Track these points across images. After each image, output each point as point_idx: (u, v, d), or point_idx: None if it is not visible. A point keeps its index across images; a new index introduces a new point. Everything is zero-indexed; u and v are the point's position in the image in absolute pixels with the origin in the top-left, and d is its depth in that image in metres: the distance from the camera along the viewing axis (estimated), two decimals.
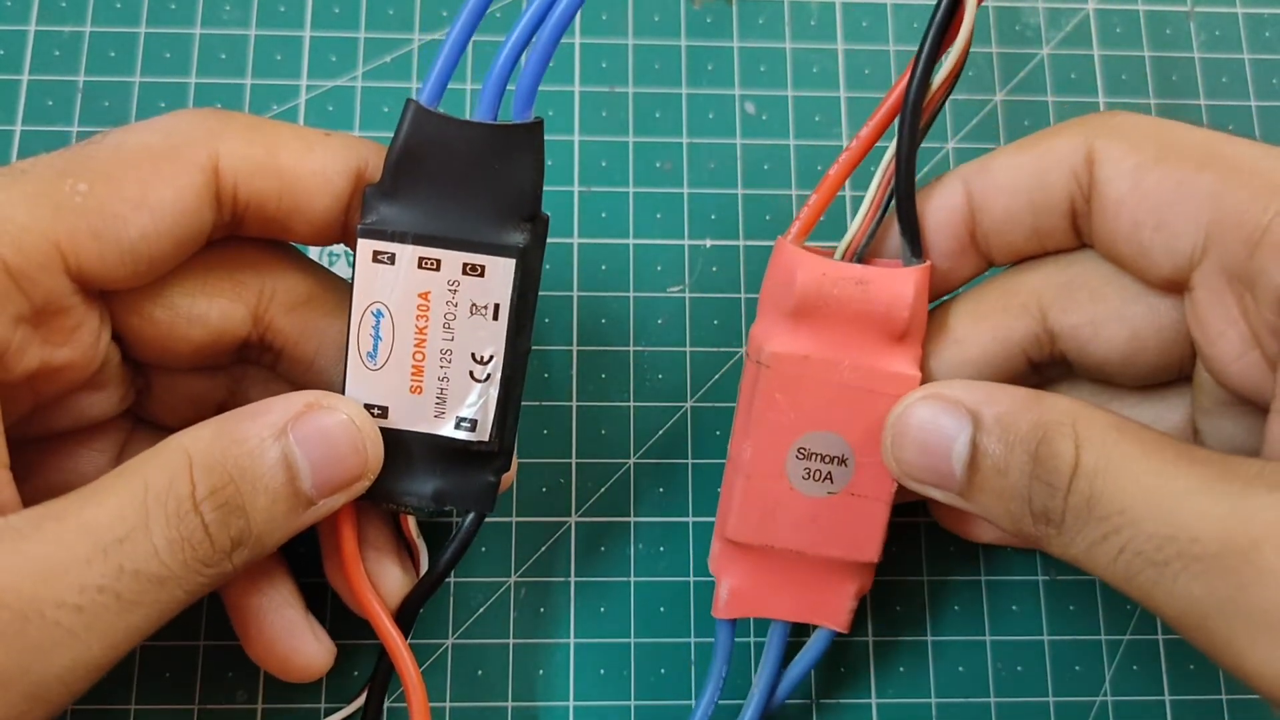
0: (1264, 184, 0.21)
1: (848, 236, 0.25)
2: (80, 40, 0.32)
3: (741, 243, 0.32)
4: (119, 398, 0.24)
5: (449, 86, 0.23)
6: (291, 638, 0.25)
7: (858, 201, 0.26)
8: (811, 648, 0.27)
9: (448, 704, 0.28)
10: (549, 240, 0.22)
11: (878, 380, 0.24)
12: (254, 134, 0.23)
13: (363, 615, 0.25)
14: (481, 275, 0.23)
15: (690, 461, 0.30)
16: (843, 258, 0.25)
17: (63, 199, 0.21)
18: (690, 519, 0.30)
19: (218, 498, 0.21)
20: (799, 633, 0.28)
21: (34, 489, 0.22)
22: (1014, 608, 0.30)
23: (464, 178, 0.23)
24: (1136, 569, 0.20)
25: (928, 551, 0.30)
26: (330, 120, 0.32)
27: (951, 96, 0.33)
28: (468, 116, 0.23)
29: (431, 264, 0.23)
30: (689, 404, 0.31)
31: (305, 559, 0.27)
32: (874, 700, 0.29)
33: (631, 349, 0.31)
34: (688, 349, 0.31)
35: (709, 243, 0.32)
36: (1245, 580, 0.19)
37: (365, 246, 0.23)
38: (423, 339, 0.23)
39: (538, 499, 0.30)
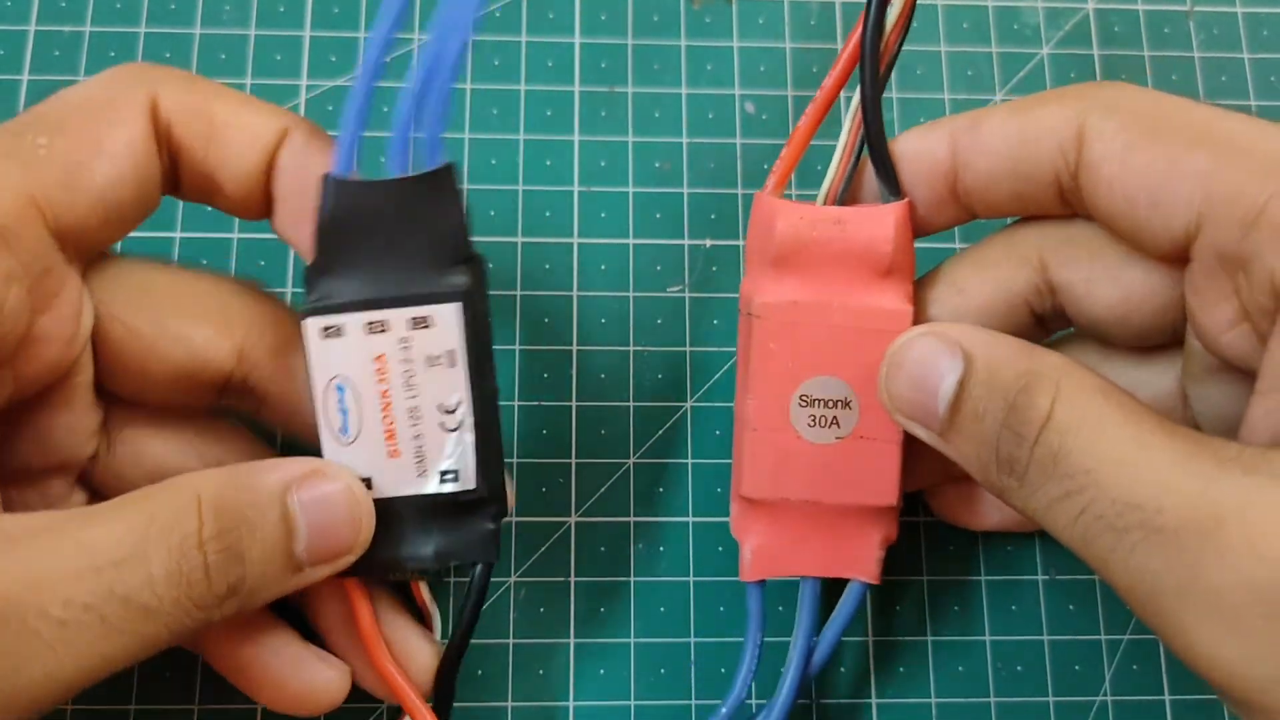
0: (1259, 164, 0.21)
1: (825, 184, 0.25)
2: (80, 40, 0.32)
3: (741, 243, 0.32)
4: (85, 431, 0.24)
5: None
6: (301, 671, 0.25)
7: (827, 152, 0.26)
8: (845, 604, 0.26)
9: None
10: (550, 240, 0.22)
11: (869, 318, 0.24)
12: (190, 83, 0.23)
13: (391, 700, 0.25)
14: (430, 326, 0.23)
15: (690, 461, 0.30)
16: (823, 204, 0.25)
17: (26, 154, 0.21)
18: (690, 519, 0.30)
19: (223, 540, 0.21)
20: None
21: None
22: (1013, 607, 0.30)
23: (392, 236, 0.23)
24: (1095, 533, 0.20)
25: (927, 551, 0.30)
26: (330, 120, 0.32)
27: (951, 96, 0.33)
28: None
29: (379, 326, 0.23)
30: (689, 404, 0.31)
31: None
32: (874, 700, 0.29)
33: (631, 349, 0.31)
34: (688, 349, 0.31)
35: (709, 243, 0.32)
36: (1204, 559, 0.18)
37: (313, 325, 0.23)
38: (388, 402, 0.23)
39: (538, 499, 0.30)
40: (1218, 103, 0.34)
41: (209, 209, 0.25)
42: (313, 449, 0.24)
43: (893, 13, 0.24)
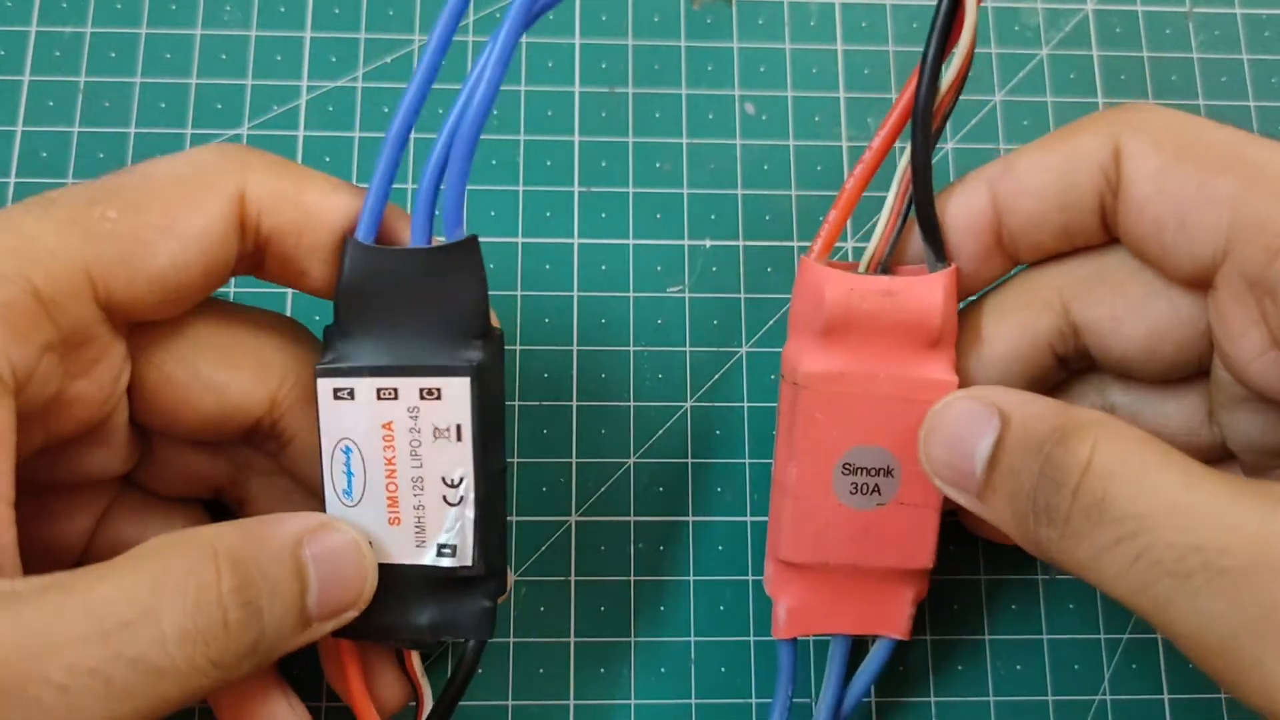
0: None
1: (870, 248, 0.25)
2: (81, 41, 0.32)
3: (741, 243, 0.32)
4: (121, 459, 0.24)
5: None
6: None
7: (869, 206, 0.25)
8: (874, 658, 0.27)
9: None
10: (550, 240, 0.22)
11: (916, 389, 0.24)
12: (281, 169, 0.23)
13: None
14: (439, 398, 0.23)
15: (690, 461, 0.30)
16: (867, 269, 0.25)
17: (92, 226, 0.21)
18: (690, 518, 0.30)
19: (243, 594, 0.20)
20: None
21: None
22: (1013, 606, 0.30)
23: (410, 305, 0.23)
24: (1152, 579, 0.19)
25: None
26: (330, 121, 0.32)
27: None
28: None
29: (390, 393, 0.23)
30: (689, 404, 0.31)
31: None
32: (873, 700, 0.29)
33: (631, 349, 0.31)
34: (688, 349, 0.31)
35: (709, 243, 0.32)
36: (1279, 597, 0.18)
37: (325, 385, 0.23)
38: (393, 469, 0.23)
39: (538, 499, 0.30)
40: (1217, 103, 0.34)
41: None
42: (314, 506, 0.24)
43: (949, 71, 0.24)
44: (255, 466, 0.26)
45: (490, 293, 0.23)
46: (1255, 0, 0.35)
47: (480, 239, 0.23)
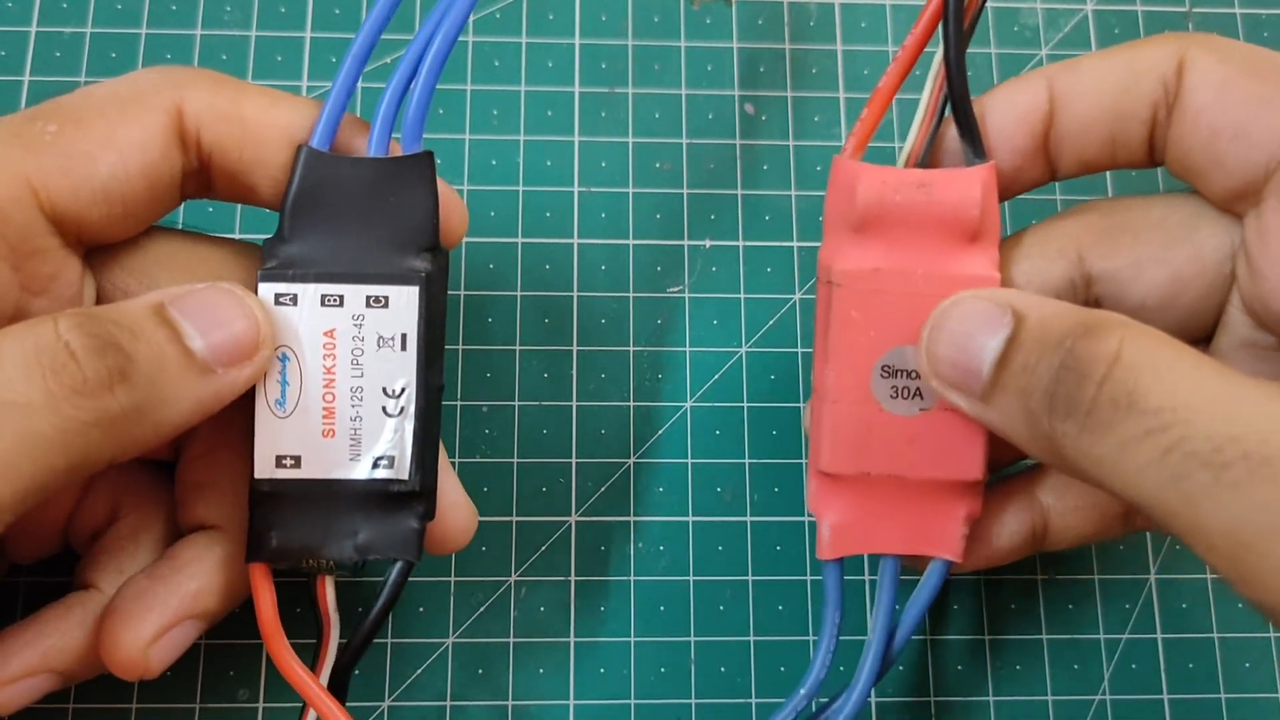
0: None
1: (907, 146, 0.24)
2: (82, 41, 0.32)
3: (741, 243, 0.32)
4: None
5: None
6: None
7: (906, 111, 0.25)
8: (927, 582, 0.25)
9: (448, 702, 0.29)
10: (550, 240, 0.22)
11: (956, 285, 0.23)
12: (219, 84, 0.23)
13: (293, 685, 0.23)
14: (386, 306, 0.23)
15: (690, 461, 0.30)
16: (904, 167, 0.24)
17: (32, 139, 0.21)
18: (690, 518, 0.30)
19: (86, 330, 0.20)
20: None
21: None
22: (1012, 606, 0.30)
23: (361, 215, 0.23)
24: (1185, 471, 0.18)
25: None
26: None
27: None
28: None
29: (334, 300, 0.23)
30: (689, 404, 0.31)
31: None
32: (873, 699, 0.29)
33: (631, 349, 0.31)
34: (688, 349, 0.31)
35: (709, 243, 0.32)
36: None
37: (266, 290, 0.22)
38: (331, 379, 0.23)
39: (538, 499, 0.30)
40: None
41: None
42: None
43: None
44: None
45: (490, 292, 0.23)
46: (1255, 0, 0.35)
47: (480, 239, 0.23)
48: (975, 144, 0.24)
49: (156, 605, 0.23)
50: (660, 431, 0.31)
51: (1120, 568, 0.30)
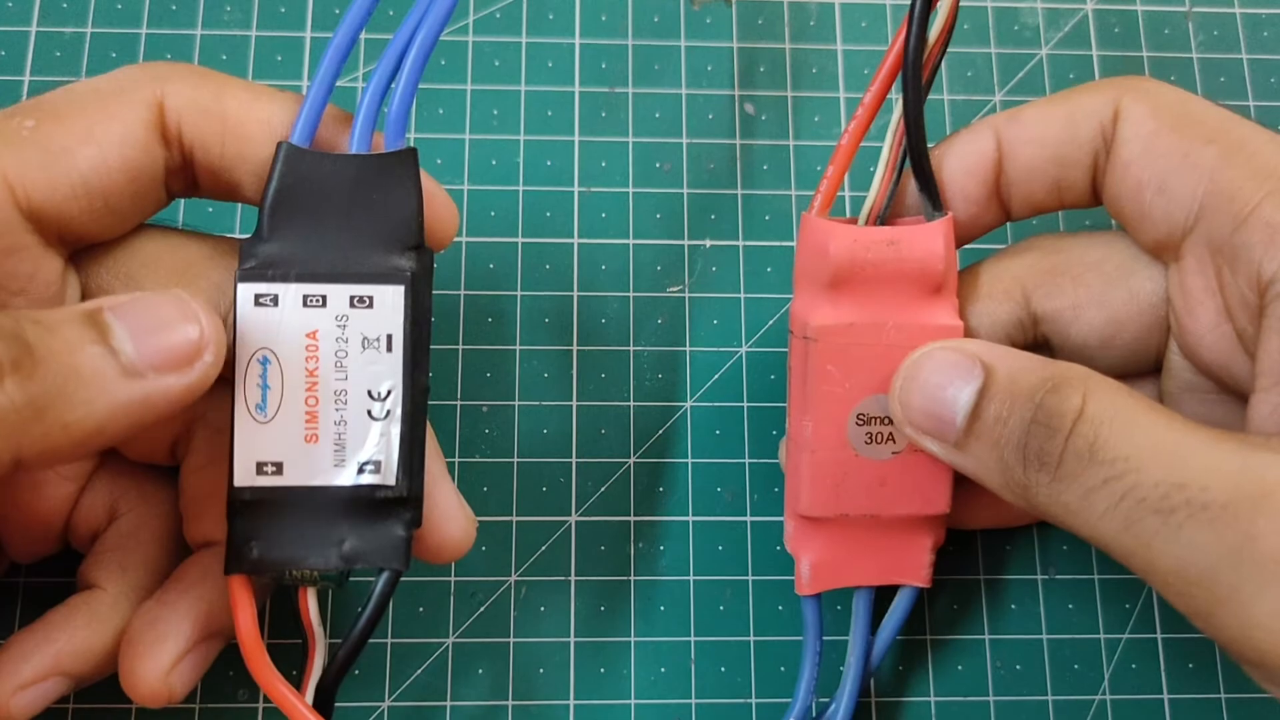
0: (1262, 166, 0.22)
1: (868, 201, 0.25)
2: (82, 41, 0.32)
3: (741, 243, 0.32)
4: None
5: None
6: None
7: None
8: (898, 607, 0.27)
9: (448, 703, 0.29)
10: (550, 240, 0.22)
11: (925, 335, 0.25)
12: (201, 78, 0.23)
13: (275, 703, 0.23)
14: (370, 306, 0.22)
15: (690, 461, 0.30)
16: (865, 222, 0.25)
17: (9, 134, 0.21)
18: (690, 518, 0.30)
19: None
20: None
21: None
22: (1013, 606, 0.30)
23: (343, 213, 0.22)
24: (1137, 517, 0.20)
25: None
26: None
27: (950, 97, 0.33)
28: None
29: (317, 301, 0.22)
30: (689, 404, 0.31)
31: None
32: (873, 699, 0.29)
33: (631, 349, 0.31)
34: (687, 349, 0.31)
35: (709, 243, 0.32)
36: (1258, 530, 0.19)
37: (246, 291, 0.22)
38: (314, 382, 0.22)
39: (538, 499, 0.30)
40: (1218, 104, 0.34)
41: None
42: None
43: (936, 23, 0.24)
44: (199, 415, 0.25)
45: (490, 292, 0.23)
46: (1255, 0, 0.35)
47: (480, 239, 0.23)
48: (934, 197, 0.25)
49: (170, 633, 0.23)
50: (660, 431, 0.31)
51: (1120, 568, 0.30)
